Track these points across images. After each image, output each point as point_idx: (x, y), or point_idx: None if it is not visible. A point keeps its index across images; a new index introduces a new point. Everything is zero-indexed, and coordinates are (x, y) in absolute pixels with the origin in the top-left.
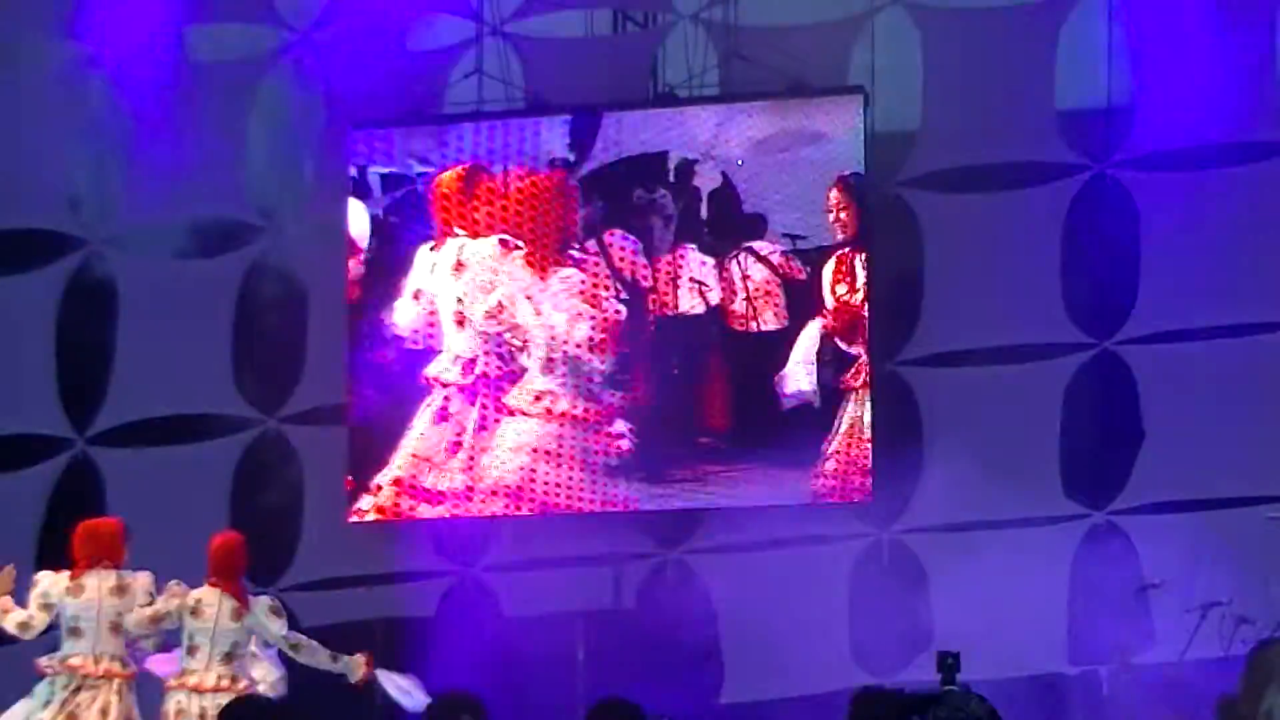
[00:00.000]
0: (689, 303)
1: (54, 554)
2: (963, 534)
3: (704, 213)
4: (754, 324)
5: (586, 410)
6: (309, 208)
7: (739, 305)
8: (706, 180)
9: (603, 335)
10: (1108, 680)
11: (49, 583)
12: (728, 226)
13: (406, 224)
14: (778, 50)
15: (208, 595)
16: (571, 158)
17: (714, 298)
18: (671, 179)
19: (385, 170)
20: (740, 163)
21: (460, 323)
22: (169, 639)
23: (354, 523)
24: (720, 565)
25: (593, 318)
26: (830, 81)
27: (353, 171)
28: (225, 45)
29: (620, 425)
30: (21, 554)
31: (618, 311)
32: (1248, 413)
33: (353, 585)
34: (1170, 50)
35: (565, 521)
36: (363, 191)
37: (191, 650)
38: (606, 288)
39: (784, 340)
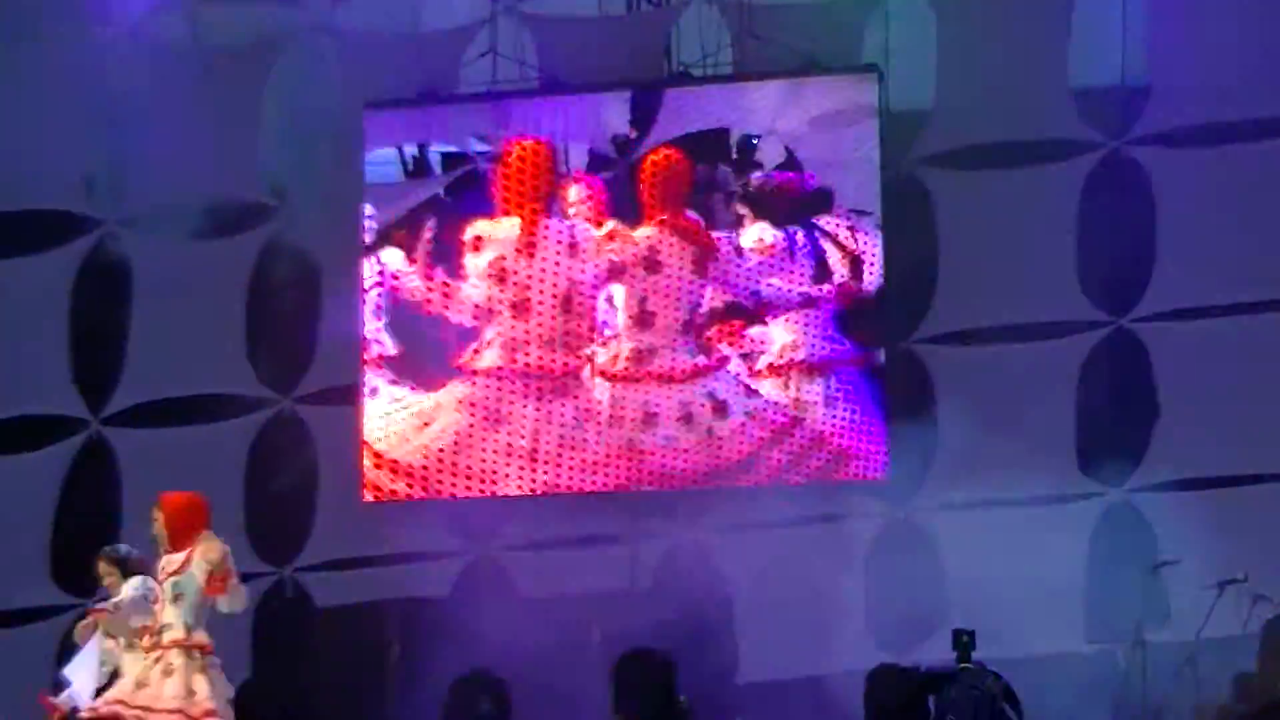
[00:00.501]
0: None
1: (69, 533)
2: (978, 512)
3: (766, 187)
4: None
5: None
6: (323, 188)
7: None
8: (769, 155)
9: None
10: (1124, 658)
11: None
12: (791, 202)
13: (467, 202)
14: (791, 29)
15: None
16: (633, 134)
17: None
18: (734, 155)
19: (446, 149)
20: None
21: (520, 304)
22: None
23: (368, 503)
24: (735, 545)
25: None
26: (844, 60)
27: (413, 150)
28: (239, 26)
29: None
30: (37, 533)
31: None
32: (1264, 389)
33: (367, 565)
34: (1185, 26)
35: (579, 501)
36: (424, 169)
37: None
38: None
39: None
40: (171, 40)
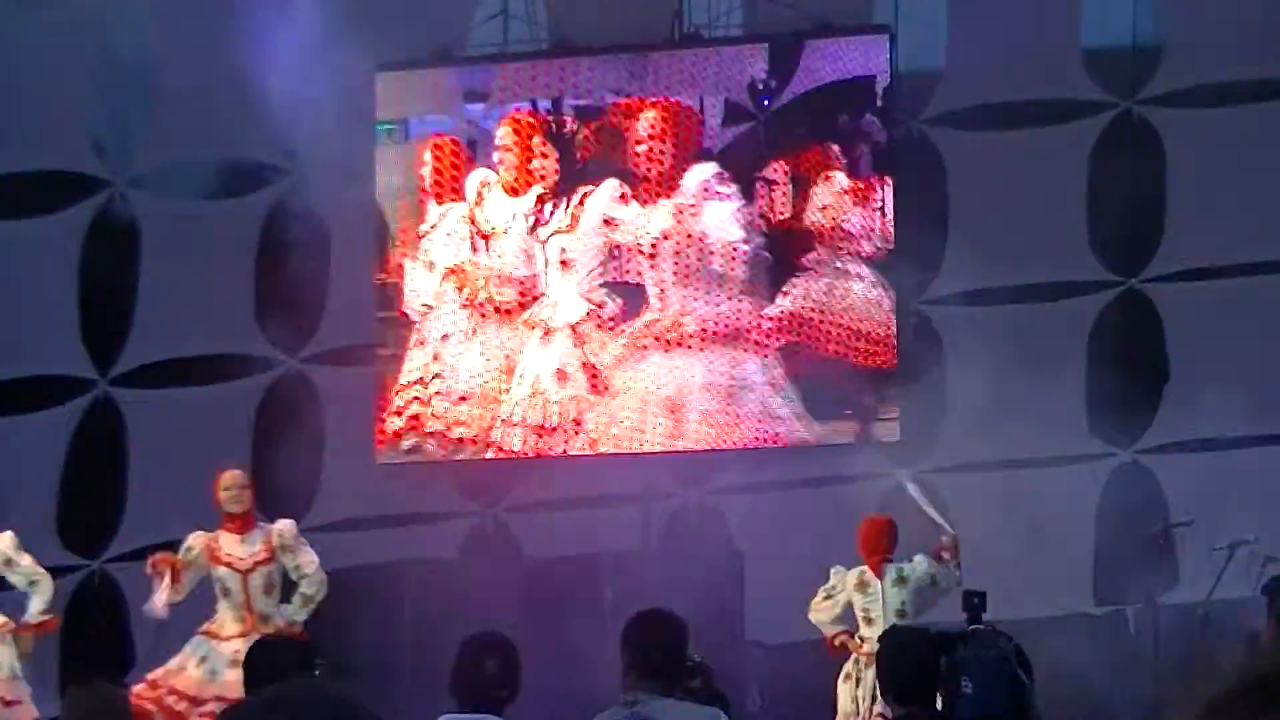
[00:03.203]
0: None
1: (76, 494)
2: (988, 473)
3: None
4: None
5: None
6: (333, 148)
7: None
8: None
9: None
10: (1134, 620)
11: None
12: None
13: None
14: None
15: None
16: (773, 83)
17: None
18: (879, 104)
19: (581, 102)
20: None
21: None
22: None
23: (379, 464)
24: (745, 504)
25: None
26: (854, 20)
27: (548, 104)
28: None
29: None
30: (44, 494)
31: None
32: (1275, 350)
33: (376, 526)
34: None
35: (590, 461)
36: (560, 124)
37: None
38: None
39: None
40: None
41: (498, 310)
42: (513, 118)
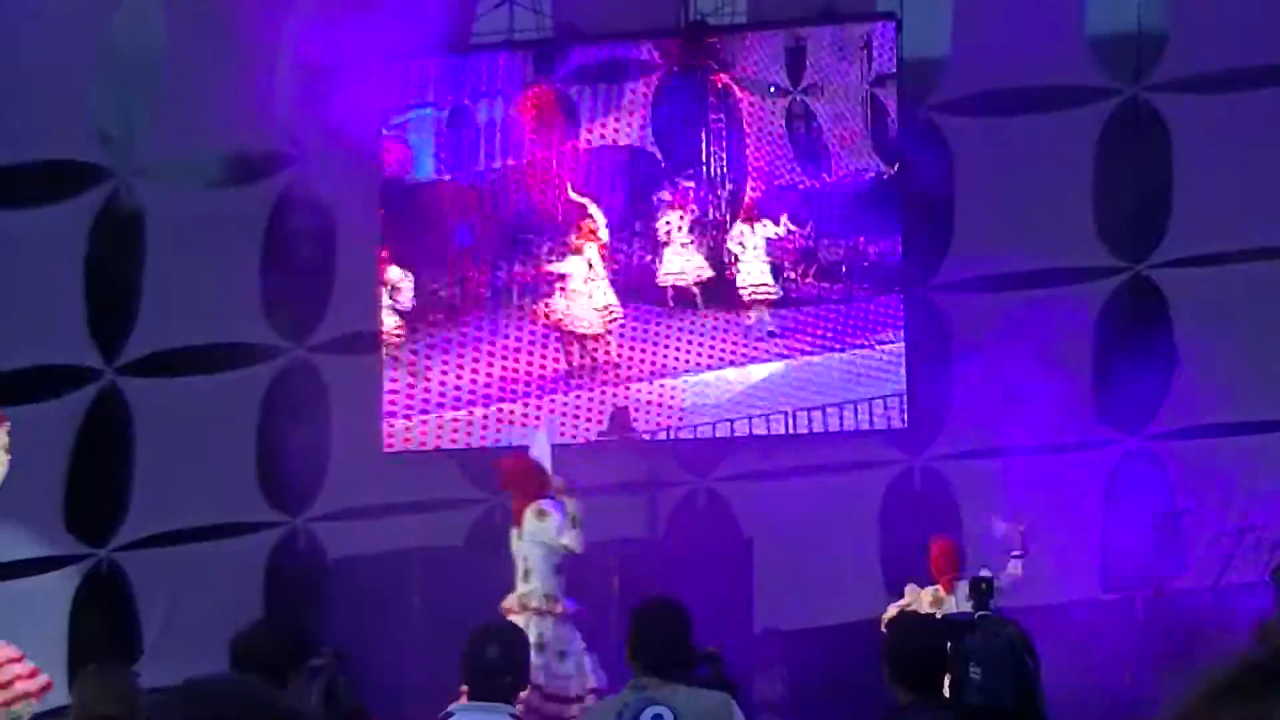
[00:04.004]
0: None
1: (83, 483)
2: (996, 460)
3: None
4: None
5: None
6: (339, 137)
7: None
8: None
9: None
10: (1142, 606)
11: None
12: None
13: None
14: None
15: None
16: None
17: None
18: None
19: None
20: None
21: None
22: None
23: (384, 452)
24: (752, 493)
25: None
26: (860, 7)
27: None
28: None
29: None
30: (52, 484)
31: None
32: None
33: (382, 515)
34: None
35: (596, 449)
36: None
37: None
38: None
39: None
40: None
41: None
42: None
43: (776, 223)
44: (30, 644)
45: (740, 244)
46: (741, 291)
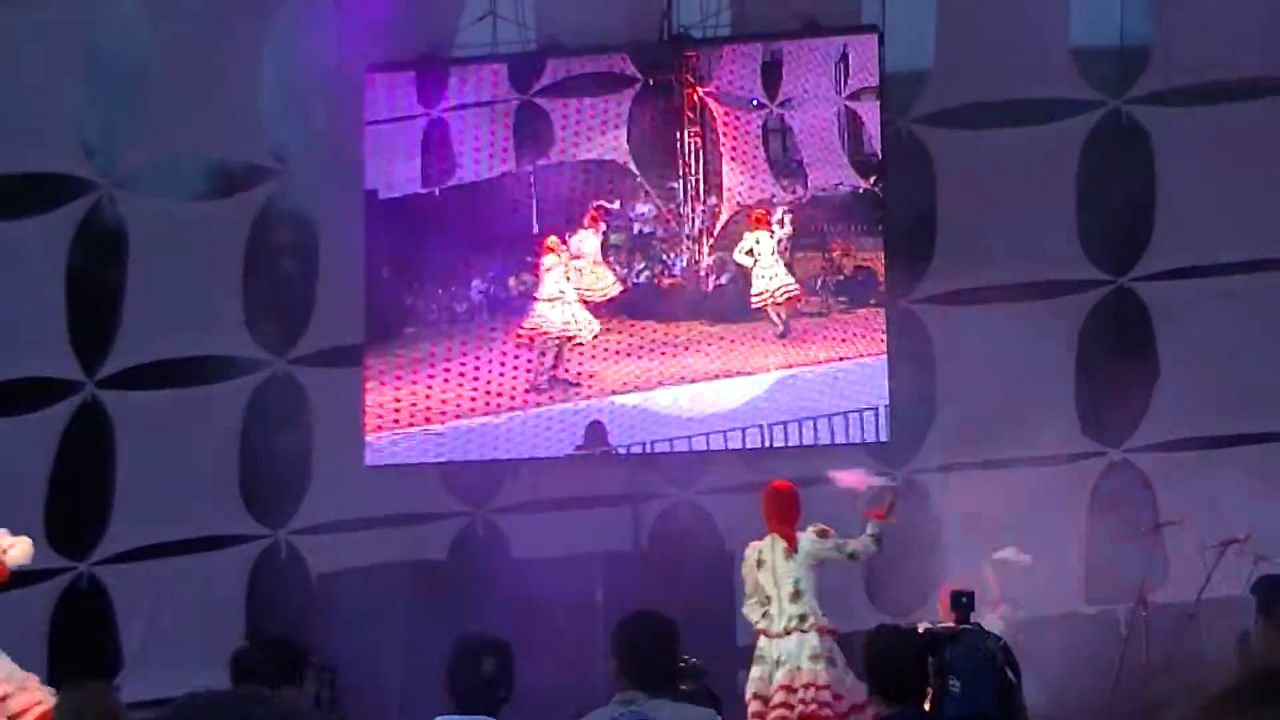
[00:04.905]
0: None
1: (64, 496)
2: (978, 472)
3: None
4: None
5: None
6: (322, 149)
7: None
8: None
9: None
10: (1125, 619)
11: None
12: None
13: None
14: None
15: (766, 545)
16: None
17: None
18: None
19: None
20: None
21: None
22: None
23: (366, 465)
24: (735, 505)
25: None
26: (843, 20)
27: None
28: None
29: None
30: (32, 496)
31: None
32: (1264, 348)
33: (365, 528)
34: None
35: (577, 462)
36: None
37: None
38: None
39: None
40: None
41: None
42: None
43: (782, 225)
44: (10, 658)
45: (749, 253)
46: (760, 298)
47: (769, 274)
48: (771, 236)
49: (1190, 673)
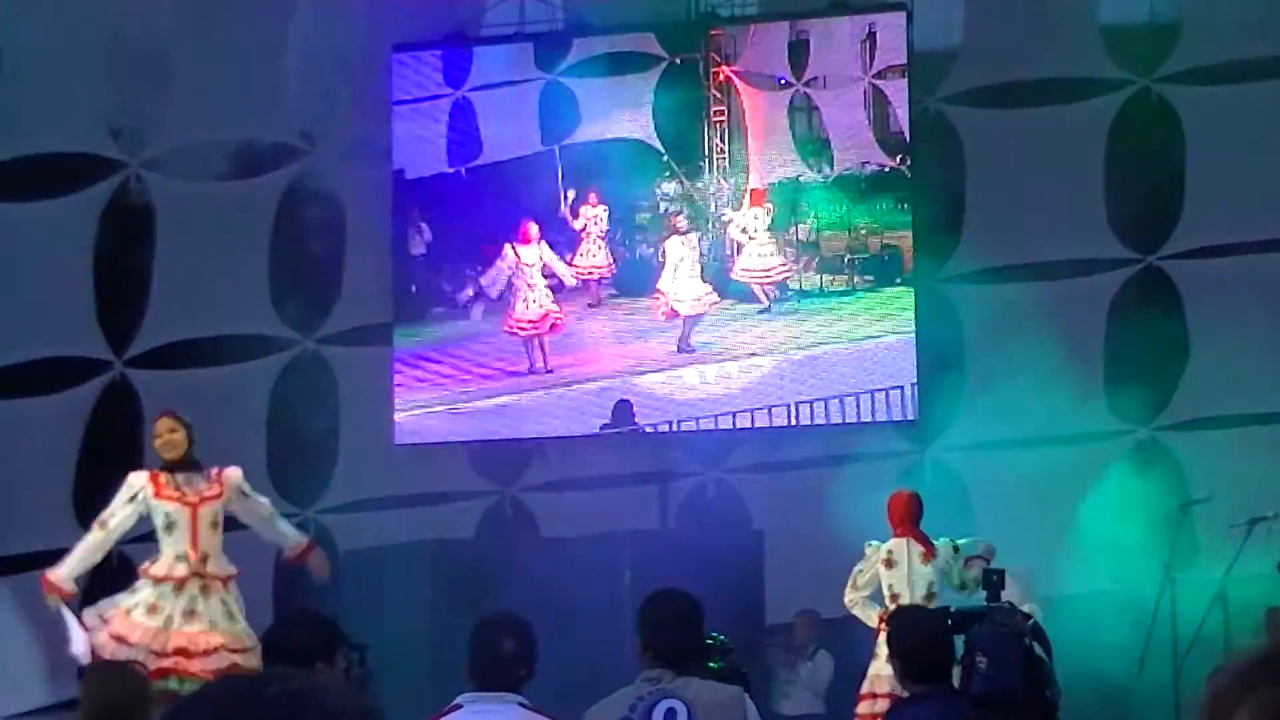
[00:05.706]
0: None
1: (93, 475)
2: (1006, 451)
3: None
4: None
5: None
6: (349, 128)
7: None
8: None
9: None
10: (1153, 597)
11: None
12: None
13: None
14: None
15: (897, 546)
16: None
17: None
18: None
19: None
20: None
21: None
22: None
23: (393, 445)
24: (763, 484)
25: None
26: None
27: None
28: None
29: None
30: (61, 475)
31: None
32: None
33: (392, 506)
34: None
35: (604, 441)
36: None
37: (894, 598)
38: None
39: None
40: None
41: None
42: None
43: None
44: (40, 637)
45: (744, 230)
46: (750, 274)
47: (763, 251)
48: (768, 215)
49: (1217, 649)
